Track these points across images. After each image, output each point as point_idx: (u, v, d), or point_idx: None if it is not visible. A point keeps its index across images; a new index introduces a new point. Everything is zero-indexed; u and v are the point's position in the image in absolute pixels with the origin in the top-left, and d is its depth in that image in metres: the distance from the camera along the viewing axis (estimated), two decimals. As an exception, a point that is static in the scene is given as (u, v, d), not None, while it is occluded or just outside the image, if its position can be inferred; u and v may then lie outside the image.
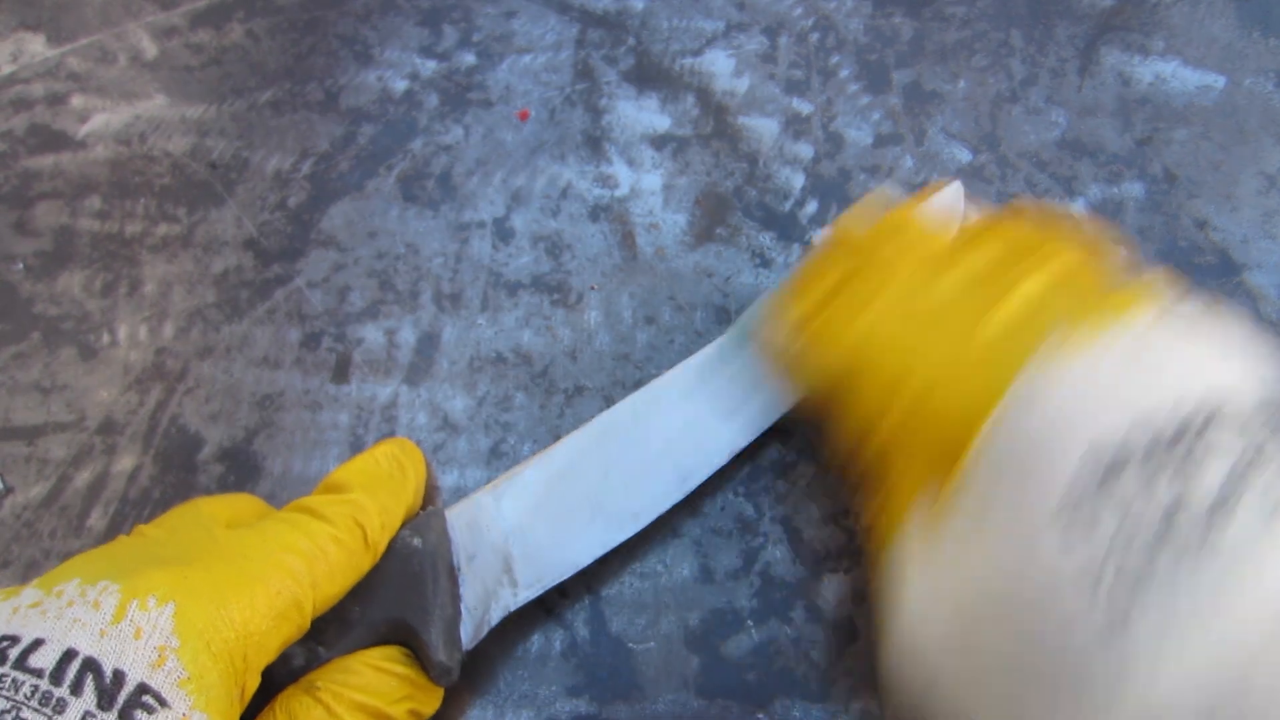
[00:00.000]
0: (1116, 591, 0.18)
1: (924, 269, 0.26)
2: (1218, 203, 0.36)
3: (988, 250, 0.26)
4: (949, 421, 0.22)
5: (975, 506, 0.21)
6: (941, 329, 0.24)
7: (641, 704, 0.28)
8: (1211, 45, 0.39)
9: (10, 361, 0.33)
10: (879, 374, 0.24)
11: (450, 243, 0.35)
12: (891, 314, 0.25)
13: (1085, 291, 0.23)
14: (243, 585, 0.21)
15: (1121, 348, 0.21)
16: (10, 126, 0.38)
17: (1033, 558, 0.19)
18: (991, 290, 0.24)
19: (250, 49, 0.40)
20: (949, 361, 0.23)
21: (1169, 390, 0.20)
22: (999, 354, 0.22)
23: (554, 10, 0.40)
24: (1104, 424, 0.19)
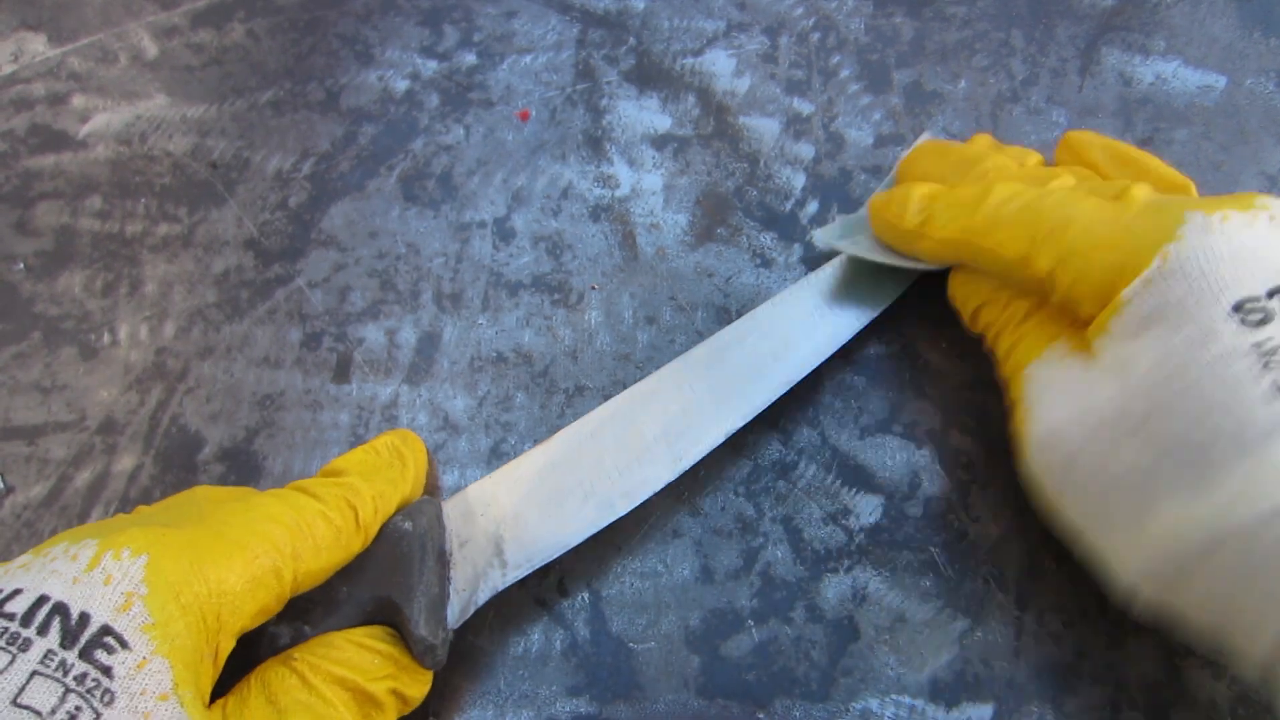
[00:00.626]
0: None
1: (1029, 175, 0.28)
2: (1219, 203, 0.36)
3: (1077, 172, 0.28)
4: (1087, 292, 0.24)
5: (1131, 330, 0.23)
6: (1070, 212, 0.25)
7: (642, 704, 0.28)
8: (1212, 45, 0.39)
9: (11, 361, 0.33)
10: (1006, 252, 0.26)
11: (451, 243, 0.35)
12: (1015, 199, 0.27)
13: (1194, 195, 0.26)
14: (220, 547, 0.21)
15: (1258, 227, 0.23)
16: (11, 126, 0.38)
17: (1208, 340, 0.22)
18: (1105, 191, 0.26)
19: (251, 49, 0.40)
20: (1086, 239, 0.25)
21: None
22: (1140, 230, 0.24)
23: (555, 10, 0.40)
24: (1263, 269, 0.22)
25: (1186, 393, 0.22)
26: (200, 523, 0.22)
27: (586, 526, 0.28)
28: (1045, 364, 0.26)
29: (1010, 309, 0.28)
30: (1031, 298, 0.27)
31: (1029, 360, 0.26)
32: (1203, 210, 0.23)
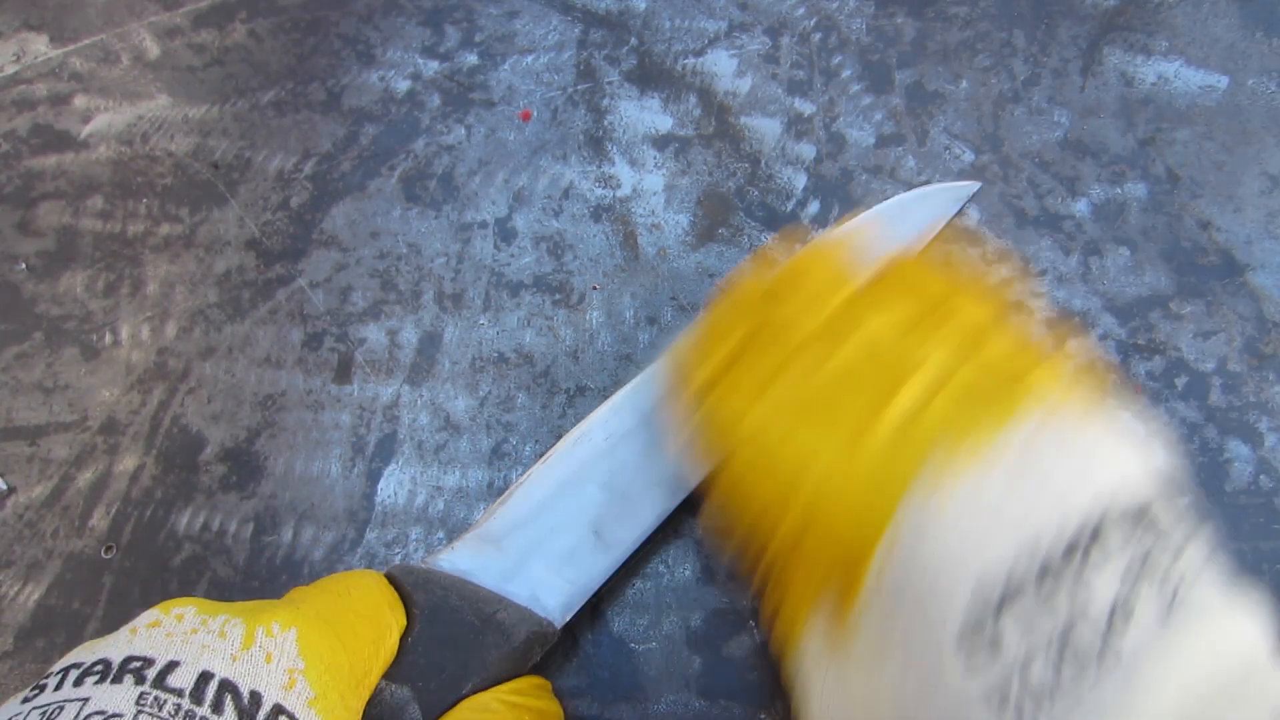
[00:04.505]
0: (1024, 709, 0.18)
1: (824, 335, 0.24)
2: (1221, 203, 0.36)
3: (891, 309, 0.24)
4: (842, 531, 0.22)
5: (876, 634, 0.21)
6: (832, 423, 0.23)
7: (643, 704, 0.28)
8: (1214, 45, 0.39)
9: (13, 361, 0.33)
10: (772, 476, 0.23)
11: (452, 243, 0.35)
12: (784, 403, 0.24)
13: (984, 369, 0.23)
14: (345, 615, 0.22)
15: (1006, 464, 0.20)
16: (13, 126, 0.38)
17: (938, 683, 0.19)
18: (885, 372, 0.23)
19: (253, 49, 0.40)
20: (839, 469, 0.22)
21: (1054, 507, 0.19)
22: (888, 463, 0.21)
23: (556, 10, 0.40)
24: (992, 553, 0.19)
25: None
26: (314, 596, 0.22)
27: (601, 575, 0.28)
28: (810, 642, 0.23)
29: (783, 531, 0.23)
30: (795, 531, 0.23)
31: (797, 622, 0.23)
32: (941, 453, 0.21)
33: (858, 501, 0.21)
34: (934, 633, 0.19)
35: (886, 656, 0.20)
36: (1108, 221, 0.36)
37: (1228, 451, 0.32)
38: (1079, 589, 0.18)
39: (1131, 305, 0.34)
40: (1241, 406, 0.33)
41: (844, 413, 0.23)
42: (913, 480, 0.20)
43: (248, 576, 0.30)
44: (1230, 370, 0.33)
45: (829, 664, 0.22)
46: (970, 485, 0.20)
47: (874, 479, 0.21)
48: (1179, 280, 0.35)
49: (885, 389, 0.22)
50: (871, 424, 0.22)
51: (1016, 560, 0.19)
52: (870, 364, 0.23)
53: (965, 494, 0.20)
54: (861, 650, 0.21)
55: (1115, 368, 0.33)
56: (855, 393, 0.23)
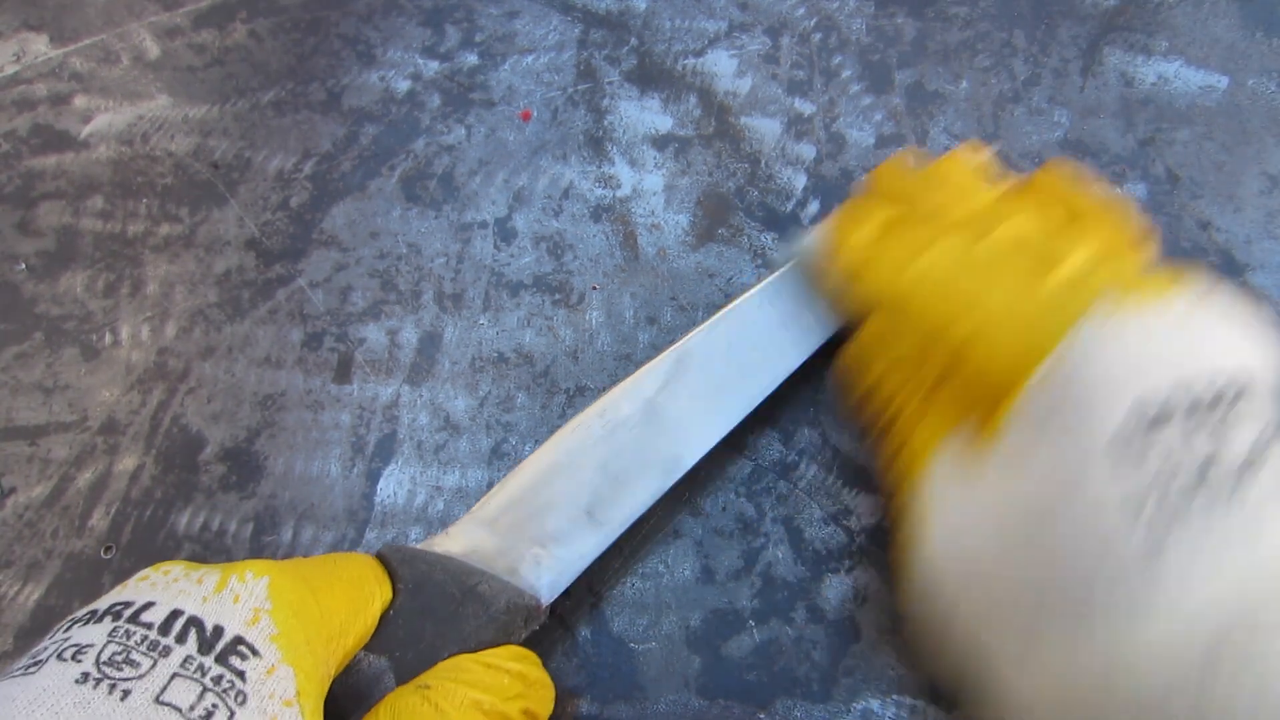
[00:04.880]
0: (1156, 520, 0.20)
1: (972, 223, 0.27)
2: (1220, 203, 0.36)
3: (1032, 215, 0.27)
4: (996, 368, 0.24)
5: (1024, 438, 0.23)
6: (994, 281, 0.25)
7: (643, 704, 0.28)
8: (1214, 46, 0.39)
9: (13, 361, 0.33)
10: (928, 315, 0.26)
11: (452, 243, 0.35)
12: (945, 260, 0.26)
13: (1128, 268, 0.25)
14: (323, 577, 0.23)
15: (1167, 319, 0.23)
16: (13, 126, 0.38)
17: (1081, 482, 0.21)
18: (1039, 255, 0.25)
19: (253, 49, 0.40)
20: (1003, 312, 0.24)
21: (1207, 362, 0.22)
22: (1053, 310, 0.24)
23: (556, 10, 0.40)
24: (1151, 382, 0.21)
25: (1066, 532, 0.21)
26: (302, 561, 0.23)
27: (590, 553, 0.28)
28: (944, 461, 0.25)
29: (915, 380, 0.26)
30: (939, 371, 0.26)
31: (926, 452, 0.26)
32: (1110, 300, 0.23)
33: (1019, 338, 0.24)
34: (1086, 439, 0.21)
35: (1032, 459, 0.23)
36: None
37: (1228, 452, 0.32)
38: (1217, 435, 0.21)
39: (1131, 305, 0.34)
40: (1241, 407, 0.33)
41: (1006, 275, 0.25)
42: (1077, 319, 0.23)
43: (247, 576, 0.30)
44: (1230, 370, 0.33)
45: (960, 480, 0.24)
46: (1136, 327, 0.23)
47: (1041, 318, 0.24)
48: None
49: (1041, 263, 0.25)
50: (1038, 280, 0.24)
51: (1172, 392, 0.21)
52: (1022, 248, 0.26)
53: (1131, 332, 0.22)
54: (1003, 458, 0.23)
55: None
56: (1014, 265, 0.25)
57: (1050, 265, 0.25)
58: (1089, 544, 0.21)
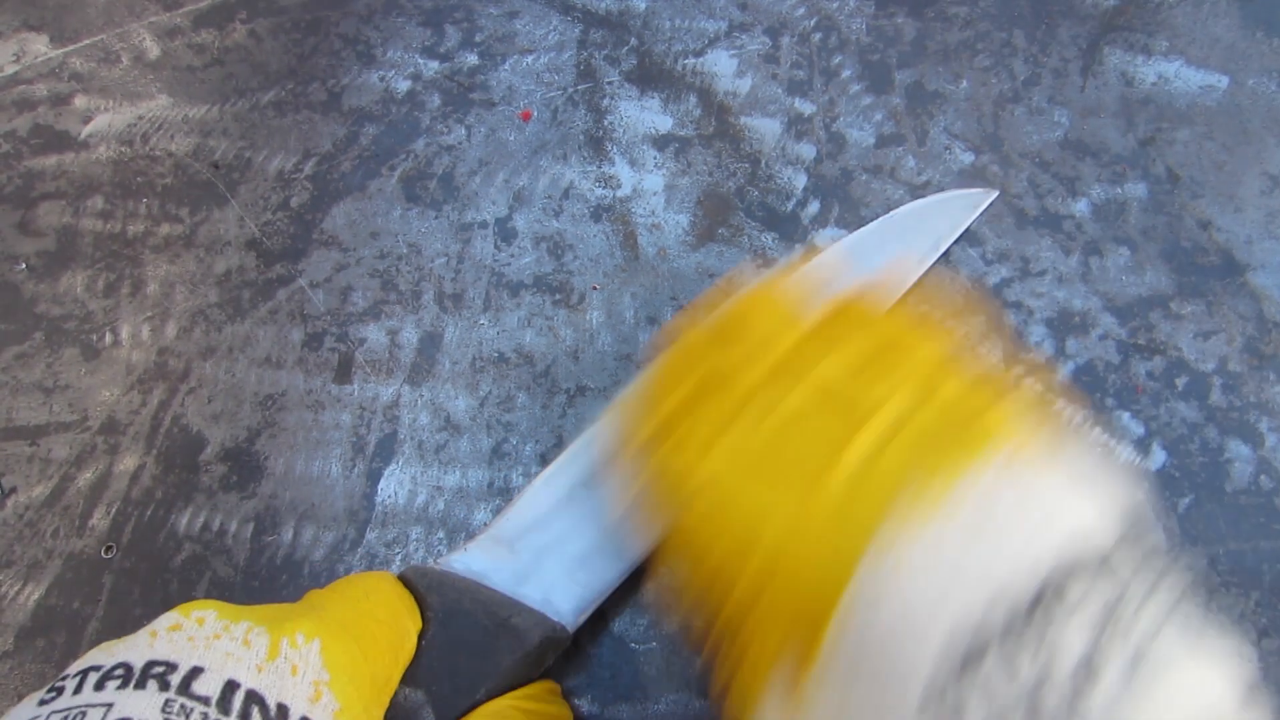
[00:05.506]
0: None
1: (774, 381, 0.23)
2: (1221, 203, 0.36)
3: (842, 350, 0.24)
4: (802, 589, 0.21)
5: (835, 701, 0.20)
6: (789, 475, 0.22)
7: (643, 704, 0.28)
8: (1214, 46, 0.39)
9: (13, 361, 0.33)
10: (726, 531, 0.22)
11: (452, 243, 0.35)
12: (736, 455, 0.22)
13: (941, 410, 0.22)
14: (365, 624, 0.22)
15: (964, 517, 0.19)
16: (13, 127, 0.38)
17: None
18: (844, 409, 0.22)
19: (253, 49, 0.40)
20: (796, 523, 0.21)
21: (1024, 553, 0.19)
22: (846, 516, 0.20)
23: (556, 11, 0.40)
24: (960, 605, 0.18)
25: None
26: (334, 603, 0.22)
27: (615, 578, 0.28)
28: (770, 707, 0.21)
29: (739, 591, 0.22)
30: (752, 590, 0.22)
31: (756, 685, 0.22)
32: (902, 503, 0.20)
33: (817, 556, 0.20)
34: (895, 702, 0.18)
35: (847, 713, 0.19)
36: (1108, 221, 0.36)
37: (1228, 451, 0.32)
38: (1044, 648, 0.18)
39: (1132, 305, 0.34)
40: (1242, 406, 0.33)
41: (798, 462, 0.22)
42: (873, 533, 0.20)
43: (248, 576, 0.30)
44: (1230, 370, 0.33)
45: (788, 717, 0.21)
46: (928, 541, 0.19)
47: (832, 532, 0.20)
48: (1179, 280, 0.35)
49: (840, 435, 0.21)
50: (827, 474, 0.21)
51: (982, 616, 0.18)
52: (823, 408, 0.22)
53: (923, 551, 0.19)
54: (821, 710, 0.20)
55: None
56: (809, 440, 0.22)
57: (850, 430, 0.21)
58: None
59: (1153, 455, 0.32)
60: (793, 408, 0.22)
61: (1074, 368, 0.33)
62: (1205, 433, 0.32)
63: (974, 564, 0.19)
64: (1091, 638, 0.18)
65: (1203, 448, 0.32)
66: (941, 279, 0.35)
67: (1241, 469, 0.32)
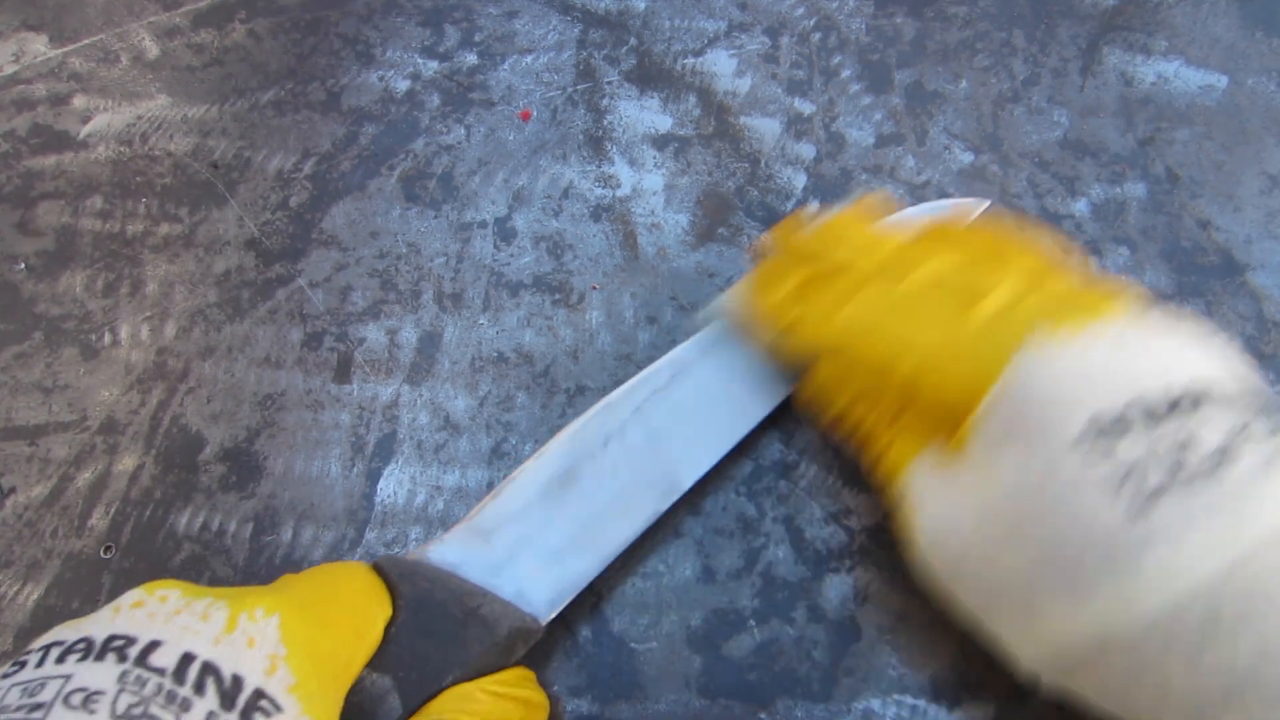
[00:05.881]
0: (1137, 494, 0.20)
1: (886, 271, 0.27)
2: (1220, 203, 0.36)
3: (946, 256, 0.26)
4: (948, 395, 0.24)
5: (990, 450, 0.23)
6: (923, 320, 0.25)
7: (643, 704, 0.28)
8: (1214, 45, 0.39)
9: (12, 361, 0.33)
10: (868, 359, 0.26)
11: (452, 242, 0.35)
12: (870, 307, 0.26)
13: (1056, 293, 0.24)
14: (329, 604, 0.22)
15: (1107, 338, 0.22)
16: (12, 126, 0.38)
17: (1054, 473, 0.21)
18: (962, 290, 0.25)
19: (252, 49, 0.40)
20: (938, 348, 0.24)
21: (1158, 375, 0.21)
22: (990, 339, 0.24)
23: (556, 10, 0.40)
24: (1101, 402, 0.21)
25: (1047, 516, 0.21)
26: (298, 582, 0.22)
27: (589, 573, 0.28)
28: (922, 466, 0.25)
29: (882, 406, 0.26)
30: (896, 403, 0.26)
31: (902, 464, 0.26)
32: (1043, 329, 0.23)
33: (961, 368, 0.24)
34: (1050, 439, 0.21)
35: (1001, 464, 0.22)
36: (1107, 221, 0.36)
37: (1228, 451, 0.32)
38: (1186, 433, 0.20)
39: (1131, 305, 0.34)
40: (1241, 406, 0.33)
41: (933, 313, 0.25)
42: (1016, 349, 0.23)
43: (247, 576, 0.30)
44: (1230, 370, 0.33)
45: (938, 484, 0.24)
46: (1074, 349, 0.22)
47: (978, 347, 0.23)
48: (1179, 280, 0.35)
49: (966, 301, 0.24)
50: (968, 312, 0.24)
51: (1126, 408, 0.21)
52: (945, 286, 0.25)
53: (1075, 352, 0.22)
54: (974, 464, 0.23)
55: None
56: (940, 302, 0.25)
57: (974, 299, 0.24)
58: (1072, 522, 0.21)
59: (1152, 455, 0.32)
60: (918, 281, 0.26)
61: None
62: (1205, 432, 0.32)
63: (1115, 372, 0.21)
64: (1230, 437, 0.20)
65: (1202, 447, 0.32)
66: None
67: (1241, 468, 0.32)
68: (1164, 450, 0.20)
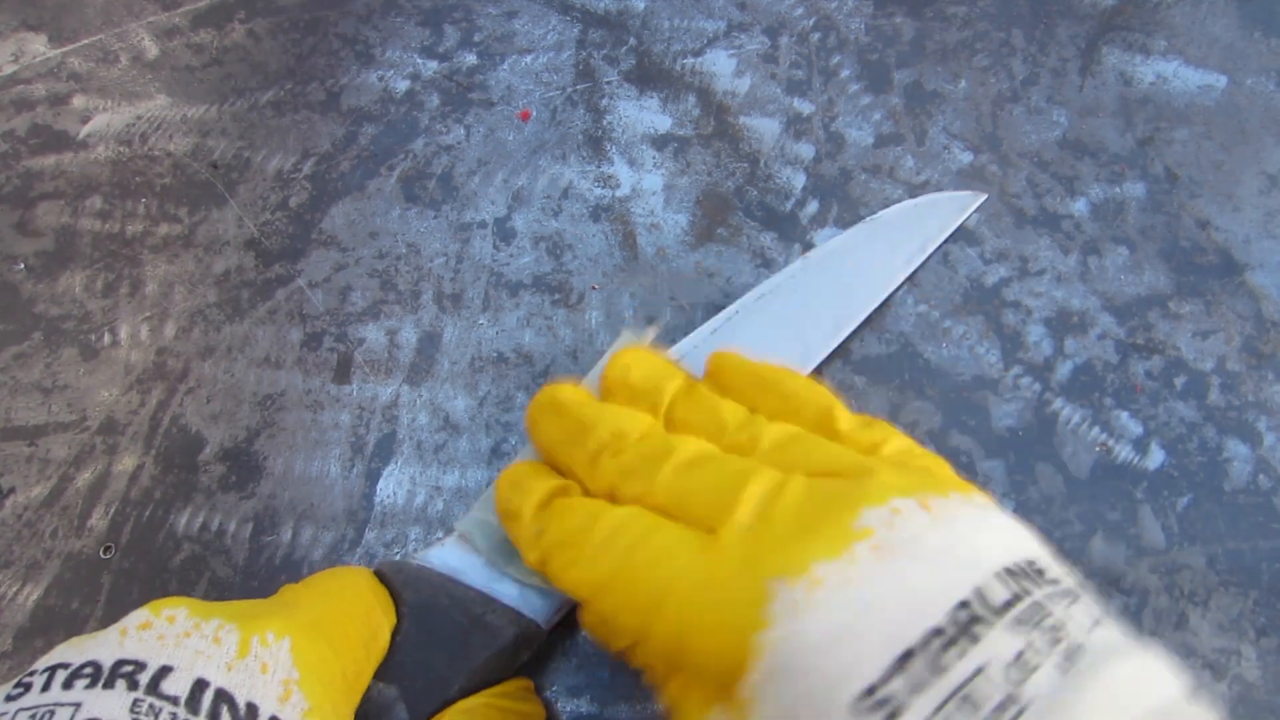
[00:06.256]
0: None
1: (642, 460, 0.23)
2: (1219, 202, 0.36)
3: (733, 394, 0.24)
4: (715, 663, 0.20)
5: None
6: (678, 546, 0.21)
7: (643, 704, 0.28)
8: (1213, 45, 0.39)
9: (12, 361, 0.33)
10: (625, 612, 0.21)
11: (451, 243, 0.35)
12: (615, 534, 0.22)
13: (832, 453, 0.22)
14: (337, 620, 0.22)
15: (870, 546, 0.19)
16: (12, 126, 0.38)
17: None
18: (717, 489, 0.21)
19: (251, 49, 0.40)
20: (694, 590, 0.20)
21: (931, 576, 0.18)
22: (746, 567, 0.20)
23: (555, 10, 0.40)
24: (878, 629, 0.18)
25: None
26: (306, 598, 0.22)
27: None
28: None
29: (656, 663, 0.22)
30: (666, 667, 0.22)
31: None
32: (787, 578, 0.19)
33: (721, 622, 0.20)
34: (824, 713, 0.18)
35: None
36: (1106, 221, 0.36)
37: (1226, 451, 0.32)
38: (973, 650, 0.17)
39: (1130, 304, 0.34)
40: (1240, 406, 0.33)
41: (685, 533, 0.21)
42: (776, 579, 0.19)
43: (247, 576, 0.30)
44: (1229, 369, 0.33)
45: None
46: (835, 578, 0.18)
47: (734, 585, 0.20)
48: (1178, 279, 0.35)
49: (736, 478, 0.21)
50: (723, 525, 0.21)
51: (903, 636, 0.17)
52: (698, 486, 0.22)
53: (831, 589, 0.18)
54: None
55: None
56: (706, 488, 0.22)
57: (732, 499, 0.21)
58: None
59: (1151, 454, 0.32)
60: (688, 455, 0.22)
61: (1072, 367, 0.33)
62: (1204, 432, 0.32)
63: (886, 591, 0.18)
64: (1021, 633, 0.17)
65: (1201, 447, 0.32)
66: (938, 277, 0.35)
67: (1240, 468, 0.32)
68: (951, 689, 0.17)
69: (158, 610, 0.20)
